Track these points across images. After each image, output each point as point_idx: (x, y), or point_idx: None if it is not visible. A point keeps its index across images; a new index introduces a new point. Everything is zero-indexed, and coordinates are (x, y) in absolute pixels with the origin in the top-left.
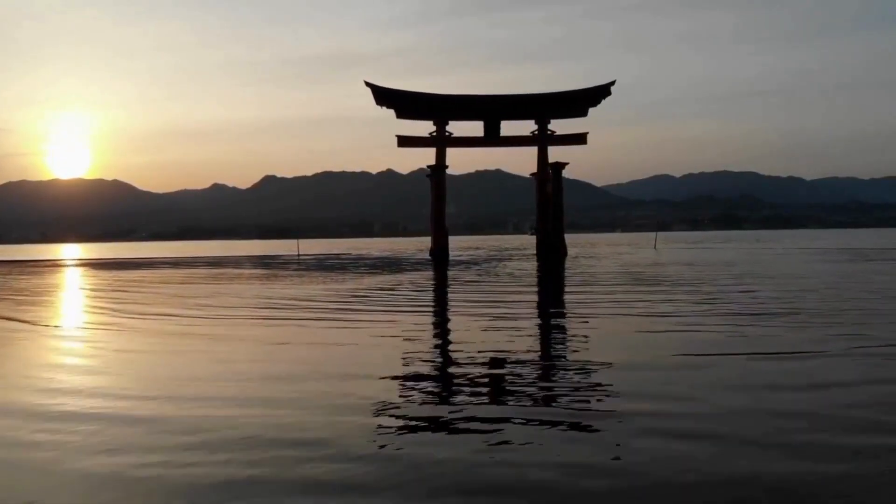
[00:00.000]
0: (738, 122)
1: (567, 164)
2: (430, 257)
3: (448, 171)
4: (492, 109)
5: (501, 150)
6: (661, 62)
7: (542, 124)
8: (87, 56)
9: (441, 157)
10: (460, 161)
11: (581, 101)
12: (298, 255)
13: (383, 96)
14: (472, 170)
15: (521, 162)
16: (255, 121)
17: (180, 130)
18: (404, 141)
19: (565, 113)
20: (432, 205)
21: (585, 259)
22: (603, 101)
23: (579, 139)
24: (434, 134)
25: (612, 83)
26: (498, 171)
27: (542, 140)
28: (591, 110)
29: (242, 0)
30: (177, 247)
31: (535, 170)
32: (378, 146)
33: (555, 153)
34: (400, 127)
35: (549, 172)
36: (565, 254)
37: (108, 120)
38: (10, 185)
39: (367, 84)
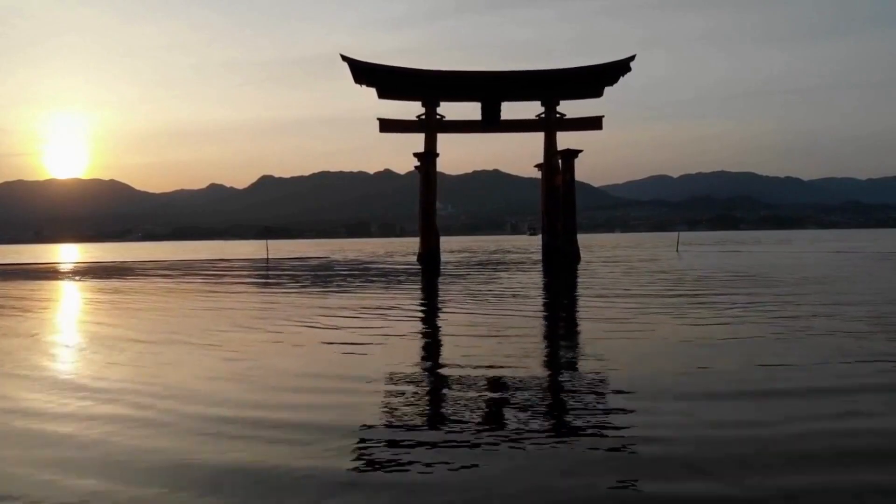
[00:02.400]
0: (736, 122)
1: (581, 151)
2: (417, 263)
3: (445, 172)
4: (491, 89)
5: (499, 149)
6: (658, 63)
7: (550, 106)
8: (84, 56)
9: (431, 143)
10: (456, 161)
11: (596, 78)
12: (267, 259)
13: (363, 73)
14: (469, 170)
15: (519, 162)
16: (253, 121)
17: (178, 130)
18: (387, 125)
19: (577, 93)
20: (421, 201)
21: (603, 268)
22: (621, 79)
23: (593, 123)
24: (422, 117)
25: (632, 58)
26: (495, 171)
27: (550, 124)
28: (606, 90)
29: (241, 0)
30: (150, 249)
31: (539, 161)
32: (376, 146)
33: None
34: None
35: (558, 162)
36: (578, 260)
37: (105, 120)
38: (5, 186)
39: (344, 58)
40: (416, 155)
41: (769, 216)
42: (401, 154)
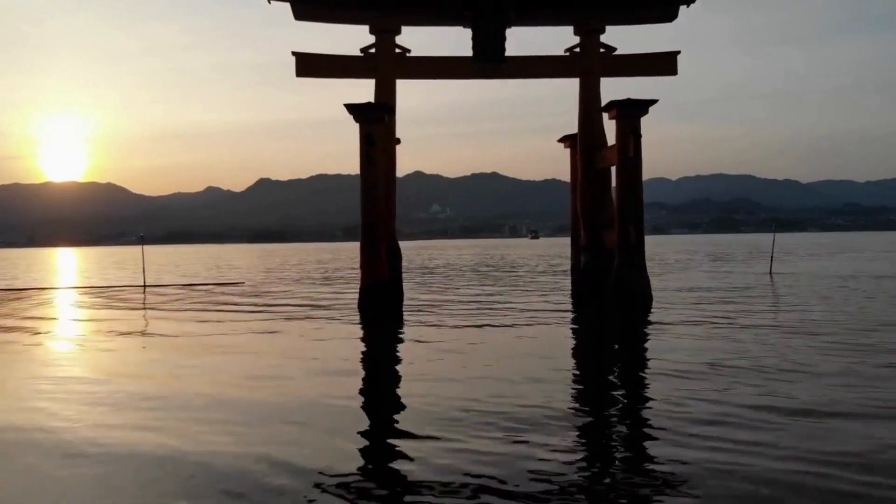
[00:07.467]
0: (734, 124)
1: (655, 101)
2: (357, 308)
3: (441, 174)
4: (488, 5)
5: (498, 149)
6: None
7: (589, 34)
8: (82, 58)
9: (386, 91)
10: (454, 163)
11: None
12: (144, 285)
13: None
14: (467, 172)
15: (518, 163)
16: (250, 123)
17: (175, 133)
18: (309, 64)
19: (634, 12)
20: (362, 190)
21: (705, 332)
22: None
23: (662, 64)
24: (372, 50)
25: None
26: (494, 174)
27: (590, 63)
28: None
29: (237, 3)
30: (119, 255)
31: (567, 131)
32: None
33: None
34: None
35: (602, 126)
36: (650, 301)
37: (102, 123)
38: (1, 189)
39: None
40: (350, 109)
41: (769, 219)
42: (399, 156)
